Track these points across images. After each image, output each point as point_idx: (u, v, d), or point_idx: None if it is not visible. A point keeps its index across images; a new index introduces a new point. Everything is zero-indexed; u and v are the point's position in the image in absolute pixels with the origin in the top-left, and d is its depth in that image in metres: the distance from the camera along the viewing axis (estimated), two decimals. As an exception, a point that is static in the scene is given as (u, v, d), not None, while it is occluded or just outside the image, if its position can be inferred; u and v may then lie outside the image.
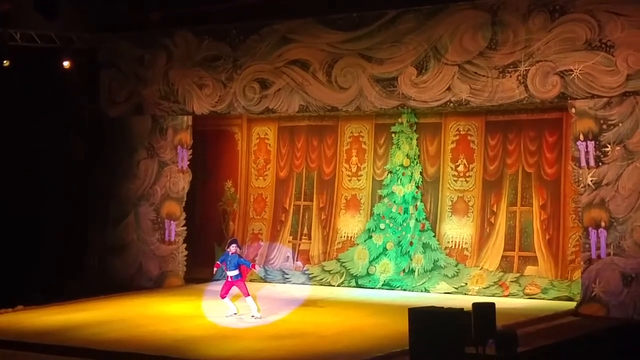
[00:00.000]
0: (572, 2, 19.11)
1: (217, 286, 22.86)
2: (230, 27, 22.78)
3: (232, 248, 18.85)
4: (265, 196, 24.55)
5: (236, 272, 18.78)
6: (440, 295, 21.29)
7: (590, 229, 19.15)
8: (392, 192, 22.79)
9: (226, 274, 18.93)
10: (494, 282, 21.28)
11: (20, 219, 23.00)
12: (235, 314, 18.88)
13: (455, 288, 21.56)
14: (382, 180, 23.05)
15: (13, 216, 22.93)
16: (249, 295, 18.83)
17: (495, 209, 21.79)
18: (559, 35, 19.27)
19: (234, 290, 18.90)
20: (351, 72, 21.51)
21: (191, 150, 23.77)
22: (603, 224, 19.02)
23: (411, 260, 22.35)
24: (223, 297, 18.91)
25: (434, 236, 22.30)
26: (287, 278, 23.61)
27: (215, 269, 20.79)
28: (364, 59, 21.35)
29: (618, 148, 18.92)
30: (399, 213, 22.65)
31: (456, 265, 21.90)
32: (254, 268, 20.25)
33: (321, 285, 23.00)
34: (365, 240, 23.00)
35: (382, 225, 22.82)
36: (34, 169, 23.27)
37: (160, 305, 20.74)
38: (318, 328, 18.04)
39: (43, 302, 20.83)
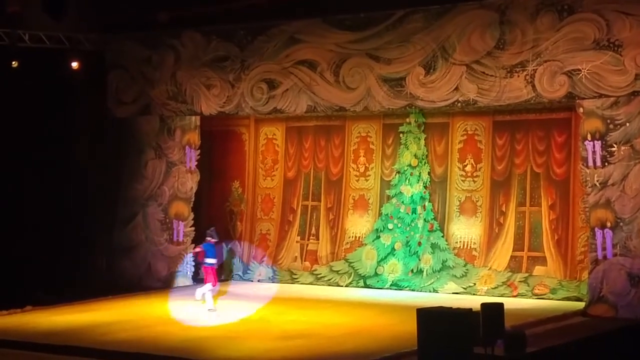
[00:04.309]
0: (580, 1, 19.07)
1: (224, 287, 22.96)
2: (238, 27, 22.78)
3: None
4: (273, 196, 24.53)
5: (214, 260, 19.82)
6: (448, 295, 21.27)
7: (596, 229, 19.11)
8: (400, 192, 22.77)
9: (206, 261, 19.85)
10: (503, 282, 21.25)
11: (28, 219, 23.02)
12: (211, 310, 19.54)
13: (464, 288, 21.53)
14: (390, 181, 23.03)
15: (21, 217, 22.95)
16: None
17: (504, 209, 21.75)
18: (567, 34, 19.22)
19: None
20: (359, 72, 21.48)
21: (199, 151, 23.79)
22: (609, 224, 18.98)
23: (419, 260, 22.33)
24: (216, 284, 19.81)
25: (443, 236, 22.28)
26: (295, 278, 23.61)
27: (197, 250, 20.94)
28: (372, 59, 21.33)
29: (625, 148, 18.89)
30: (407, 213, 22.63)
31: (465, 266, 21.87)
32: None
33: (329, 285, 22.99)
34: (373, 241, 22.98)
35: (390, 226, 22.80)
36: (41, 169, 23.28)
37: (169, 305, 20.74)
38: (326, 329, 18.03)
39: (52, 303, 20.85)
